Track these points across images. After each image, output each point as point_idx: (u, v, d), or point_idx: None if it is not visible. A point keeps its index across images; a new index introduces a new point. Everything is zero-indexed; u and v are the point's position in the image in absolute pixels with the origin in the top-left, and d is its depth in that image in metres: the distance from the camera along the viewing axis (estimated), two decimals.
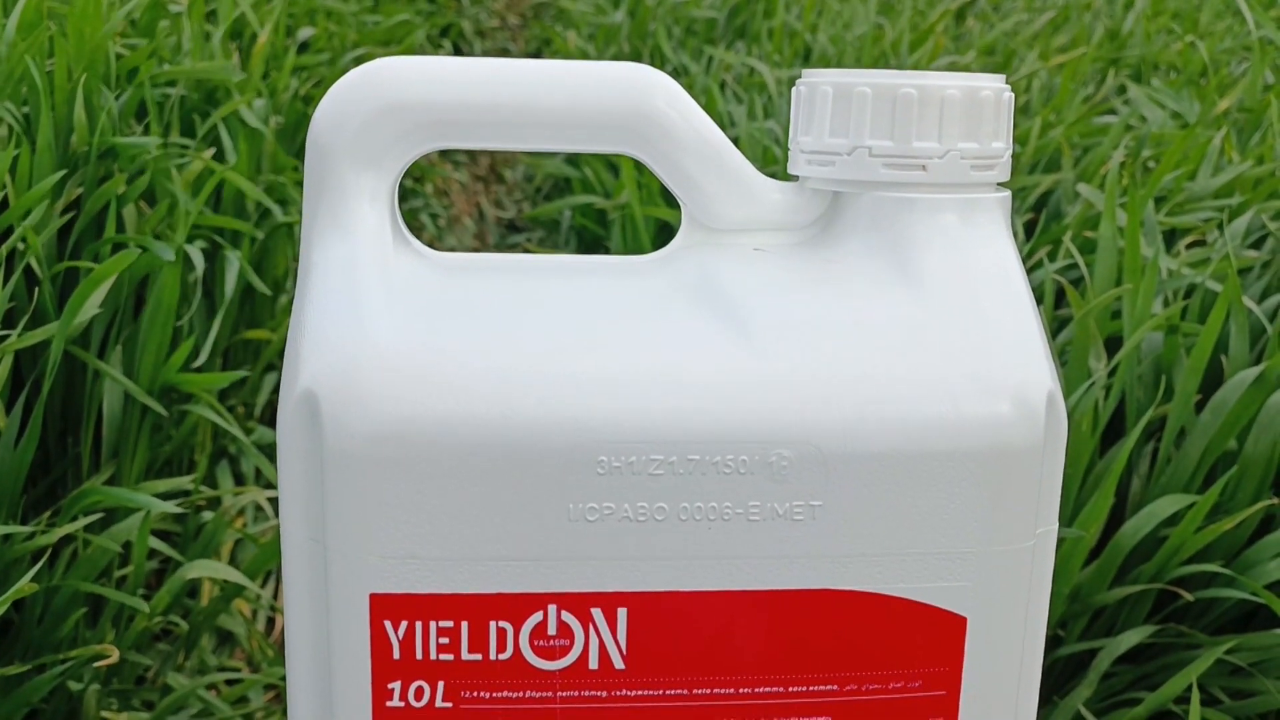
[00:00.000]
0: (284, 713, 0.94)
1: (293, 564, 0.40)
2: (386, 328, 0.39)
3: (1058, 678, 0.92)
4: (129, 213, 1.00)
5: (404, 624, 0.39)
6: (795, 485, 0.39)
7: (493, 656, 0.39)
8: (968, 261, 0.43)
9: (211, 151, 1.08)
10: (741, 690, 0.40)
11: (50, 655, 0.83)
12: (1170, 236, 1.14)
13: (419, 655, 0.39)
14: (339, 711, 0.40)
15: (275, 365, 1.36)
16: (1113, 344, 1.02)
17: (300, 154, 1.38)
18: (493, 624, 0.39)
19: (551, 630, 0.39)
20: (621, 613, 0.39)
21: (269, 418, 1.34)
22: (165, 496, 0.97)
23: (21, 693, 0.82)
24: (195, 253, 1.00)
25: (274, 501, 1.09)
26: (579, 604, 0.39)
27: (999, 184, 0.45)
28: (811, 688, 0.41)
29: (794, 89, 0.45)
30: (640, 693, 0.40)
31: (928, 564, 0.40)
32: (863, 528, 0.40)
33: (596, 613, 0.39)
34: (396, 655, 0.39)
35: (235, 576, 0.85)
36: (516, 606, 0.39)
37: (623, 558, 0.39)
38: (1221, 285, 0.96)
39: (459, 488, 0.38)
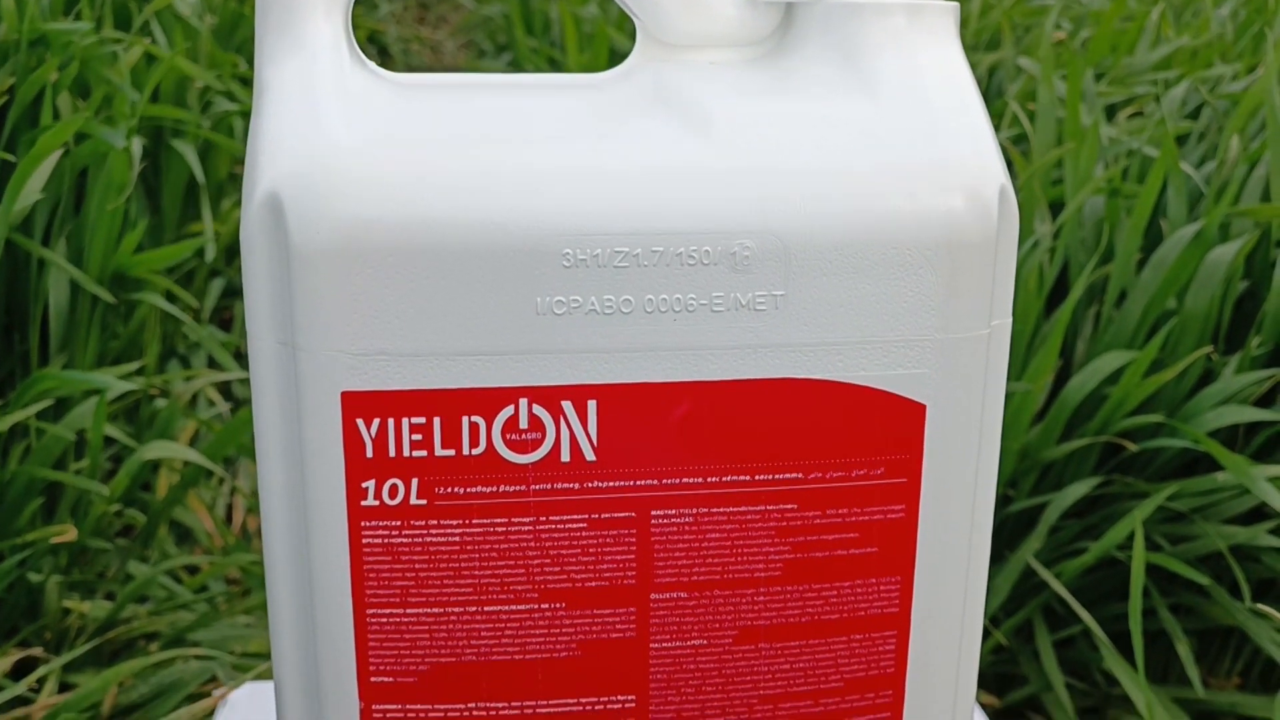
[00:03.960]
0: (244, 595, 0.95)
1: (262, 374, 0.40)
2: (346, 129, 0.39)
3: (1009, 534, 0.94)
4: (64, 103, 0.98)
5: (376, 421, 0.39)
6: (757, 275, 0.40)
7: (466, 452, 0.40)
8: (918, 64, 0.44)
9: (147, 42, 1.06)
10: (709, 479, 0.41)
11: (7, 543, 0.83)
12: (1111, 111, 1.16)
13: (392, 453, 0.40)
14: (314, 516, 0.41)
15: (220, 270, 1.35)
16: (1057, 211, 1.03)
17: (239, 50, 1.36)
18: (465, 419, 0.40)
19: (523, 424, 0.40)
20: (591, 405, 0.40)
21: (218, 320, 1.33)
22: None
23: None
24: (135, 144, 0.98)
25: (223, 386, 1.08)
26: (549, 397, 0.40)
27: None
28: (777, 476, 0.42)
29: None
30: (611, 484, 0.41)
31: (887, 352, 0.41)
32: (824, 317, 0.41)
33: (567, 405, 0.40)
34: (369, 454, 0.40)
35: (194, 456, 0.85)
36: (487, 401, 0.40)
37: (591, 350, 0.40)
38: (1159, 151, 0.97)
39: (426, 283, 0.38)
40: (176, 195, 1.14)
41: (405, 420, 0.39)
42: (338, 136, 0.39)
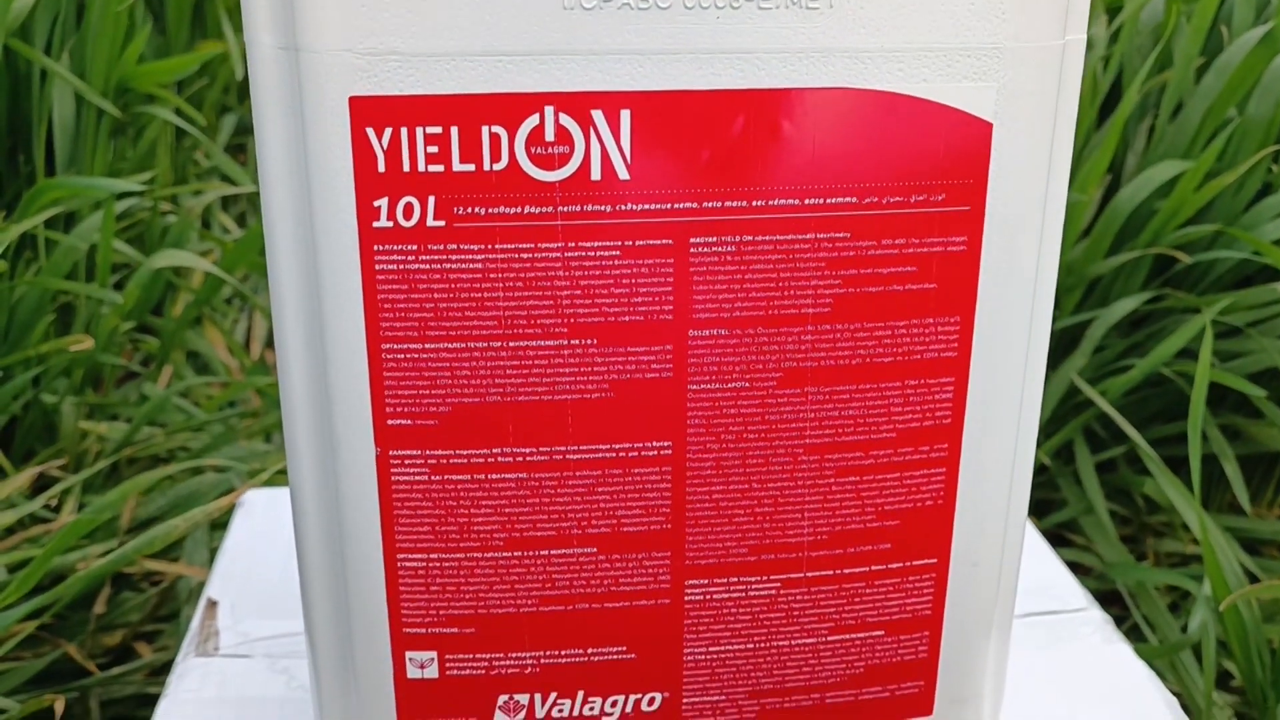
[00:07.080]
0: (257, 416, 0.92)
1: (262, 86, 0.37)
2: None
3: (1051, 352, 0.91)
4: None
5: (388, 131, 0.36)
6: None
7: (486, 167, 0.36)
8: None
9: None
10: (754, 203, 0.38)
11: (19, 355, 0.80)
12: None
13: (406, 167, 0.36)
14: (323, 243, 0.37)
15: (230, 106, 1.30)
16: (1113, 18, 0.98)
17: None
18: (485, 129, 0.36)
19: (549, 135, 0.36)
20: (625, 115, 0.36)
21: (230, 151, 1.30)
22: (125, 205, 0.93)
23: None
24: None
25: (239, 218, 1.05)
26: (578, 105, 0.36)
27: None
28: (828, 200, 0.38)
29: None
30: (646, 207, 0.37)
31: (952, 61, 0.37)
32: (883, 19, 0.36)
33: (597, 115, 0.36)
34: (381, 168, 0.36)
35: (204, 265, 0.82)
36: (510, 108, 0.36)
37: (624, 52, 0.36)
38: None
39: None
40: (183, 15, 1.09)
41: (420, 129, 0.36)
42: None
